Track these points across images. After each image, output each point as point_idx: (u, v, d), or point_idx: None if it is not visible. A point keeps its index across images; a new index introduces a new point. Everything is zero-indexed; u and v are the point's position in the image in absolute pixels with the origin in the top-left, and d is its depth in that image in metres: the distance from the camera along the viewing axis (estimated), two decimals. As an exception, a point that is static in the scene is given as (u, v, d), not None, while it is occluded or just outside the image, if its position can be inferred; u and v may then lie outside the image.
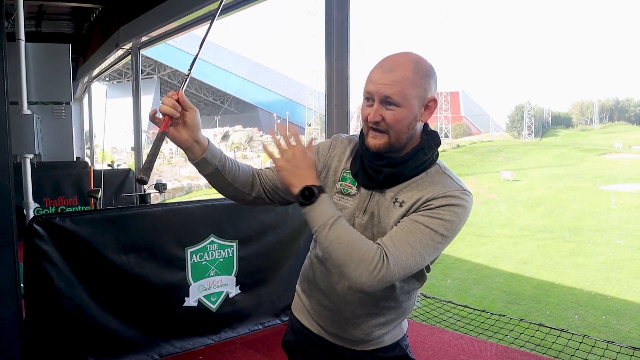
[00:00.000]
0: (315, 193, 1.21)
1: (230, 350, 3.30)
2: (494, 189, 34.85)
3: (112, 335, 2.98)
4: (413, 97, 1.23)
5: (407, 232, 1.21)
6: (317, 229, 1.20)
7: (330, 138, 1.47)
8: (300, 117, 56.30)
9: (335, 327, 1.41)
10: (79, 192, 6.77)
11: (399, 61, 1.24)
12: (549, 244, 20.99)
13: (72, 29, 10.02)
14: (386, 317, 1.39)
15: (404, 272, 1.20)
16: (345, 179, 1.37)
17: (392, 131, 1.25)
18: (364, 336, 1.40)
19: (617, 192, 31.82)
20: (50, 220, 2.73)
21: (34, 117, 3.15)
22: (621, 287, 15.49)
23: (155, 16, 5.98)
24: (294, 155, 1.25)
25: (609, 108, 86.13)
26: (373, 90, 1.24)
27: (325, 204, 1.21)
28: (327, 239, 1.19)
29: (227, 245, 3.43)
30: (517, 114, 71.21)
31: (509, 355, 3.23)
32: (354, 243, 1.18)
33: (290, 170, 1.24)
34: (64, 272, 2.78)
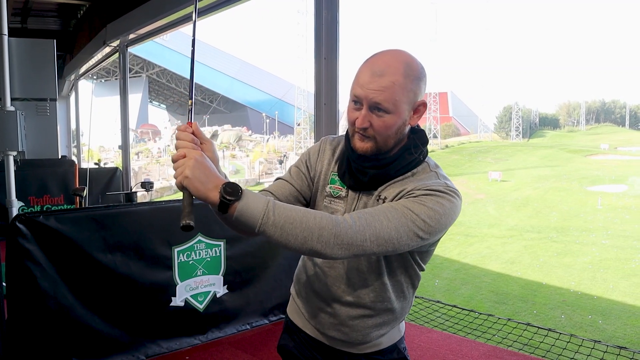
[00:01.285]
0: (238, 187, 1.07)
1: (218, 351, 3.26)
2: (482, 189, 35.06)
3: (98, 335, 2.93)
4: (403, 102, 1.19)
5: (385, 209, 1.15)
6: (261, 221, 1.06)
7: (319, 141, 1.43)
8: (289, 116, 56.25)
9: (332, 329, 1.38)
10: (65, 190, 6.69)
11: (389, 63, 1.18)
12: (537, 244, 21.15)
13: (58, 25, 9.89)
14: (382, 318, 1.36)
15: (377, 241, 1.11)
16: (334, 182, 1.34)
17: (379, 137, 1.21)
18: (361, 338, 1.37)
19: (603, 192, 32.16)
20: (34, 219, 2.69)
21: (18, 113, 3.09)
22: (607, 286, 15.64)
23: (143, 13, 5.92)
24: (194, 159, 1.08)
25: (596, 110, 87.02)
26: (362, 95, 1.19)
27: (253, 194, 1.09)
28: (276, 226, 1.06)
29: (215, 244, 3.40)
30: (505, 115, 71.66)
31: (497, 355, 3.24)
32: (305, 216, 1.08)
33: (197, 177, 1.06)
34: (48, 271, 2.73)
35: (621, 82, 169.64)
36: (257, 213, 1.06)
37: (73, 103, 10.74)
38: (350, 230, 1.09)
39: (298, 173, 1.39)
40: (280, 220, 1.07)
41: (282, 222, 1.07)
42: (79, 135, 10.83)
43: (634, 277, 16.37)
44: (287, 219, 1.07)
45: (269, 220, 1.06)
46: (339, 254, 1.10)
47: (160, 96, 67.59)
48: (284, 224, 1.07)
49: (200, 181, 1.06)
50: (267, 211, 1.07)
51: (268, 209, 1.07)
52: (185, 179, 1.06)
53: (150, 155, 48.79)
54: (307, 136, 47.63)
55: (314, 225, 1.08)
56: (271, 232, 1.07)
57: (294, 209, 1.10)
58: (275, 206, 1.08)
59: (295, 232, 1.07)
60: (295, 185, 1.38)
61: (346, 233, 1.09)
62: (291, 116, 54.45)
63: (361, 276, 1.32)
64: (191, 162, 1.07)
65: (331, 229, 1.08)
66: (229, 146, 50.36)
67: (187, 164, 1.07)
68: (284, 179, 1.40)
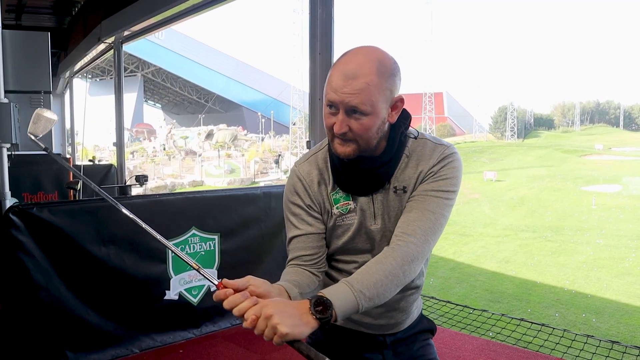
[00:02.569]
0: (323, 299, 1.05)
1: (212, 344, 3.26)
2: (477, 189, 35.12)
3: (91, 328, 2.94)
4: (380, 102, 1.17)
5: (423, 203, 1.23)
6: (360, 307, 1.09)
7: (293, 176, 1.38)
8: (284, 116, 56.21)
9: (380, 318, 1.39)
10: (59, 187, 6.68)
11: (361, 63, 1.15)
12: (531, 244, 21.19)
13: (53, 22, 9.85)
14: (418, 293, 1.43)
15: (434, 235, 1.22)
16: (338, 200, 1.31)
17: (361, 139, 1.20)
18: (405, 317, 1.41)
19: (597, 192, 32.27)
20: (27, 211, 2.68)
21: (12, 105, 3.09)
22: (601, 285, 15.69)
23: (138, 10, 5.91)
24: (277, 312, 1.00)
25: (590, 110, 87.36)
26: (337, 99, 1.16)
27: (332, 291, 1.08)
28: (372, 300, 1.11)
29: (209, 238, 3.40)
30: (500, 115, 71.86)
31: (490, 348, 3.25)
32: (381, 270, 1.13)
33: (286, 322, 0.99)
34: (41, 263, 2.73)
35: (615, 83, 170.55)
36: (353, 304, 1.09)
37: (67, 101, 10.71)
38: (417, 247, 1.18)
39: (308, 218, 1.34)
40: (371, 292, 1.11)
41: (374, 292, 1.11)
42: (73, 133, 10.80)
43: (628, 276, 16.43)
44: (376, 285, 1.12)
45: (365, 301, 1.10)
46: (419, 269, 1.21)
47: (155, 95, 67.39)
48: (377, 293, 1.12)
49: (296, 325, 1.00)
50: (357, 295, 1.09)
51: (356, 292, 1.09)
52: (286, 335, 0.99)
53: (146, 154, 48.66)
54: (302, 136, 47.61)
55: (397, 271, 1.15)
56: (371, 305, 1.12)
57: (368, 271, 1.14)
58: (357, 284, 1.10)
59: (389, 288, 1.14)
60: (314, 231, 1.33)
61: (415, 252, 1.18)
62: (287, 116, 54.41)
63: None
64: (275, 319, 0.99)
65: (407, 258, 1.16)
66: (225, 145, 50.27)
67: (273, 323, 0.99)
68: (302, 234, 1.34)
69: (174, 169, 41.78)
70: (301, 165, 1.37)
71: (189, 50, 55.82)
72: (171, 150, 48.97)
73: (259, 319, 1.00)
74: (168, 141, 52.28)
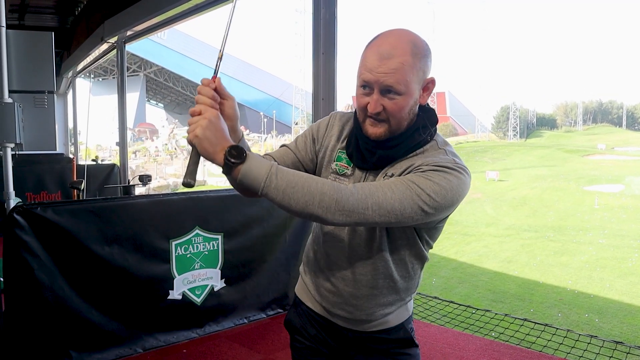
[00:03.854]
0: (243, 150, 1.09)
1: (215, 344, 3.26)
2: (480, 188, 35.09)
3: (95, 328, 2.93)
4: (414, 82, 1.19)
5: (390, 182, 1.16)
6: (264, 184, 1.08)
7: (328, 115, 1.42)
8: (287, 115, 56.26)
9: (337, 308, 1.38)
10: (63, 186, 6.70)
11: (396, 44, 1.17)
12: (534, 243, 21.19)
13: (56, 22, 9.87)
14: (387, 298, 1.36)
15: (379, 211, 1.12)
16: (341, 159, 1.34)
17: (393, 119, 1.21)
18: (366, 317, 1.37)
19: (600, 192, 32.22)
20: (31, 210, 2.68)
21: (15, 105, 3.09)
22: (603, 285, 15.68)
23: (141, 10, 5.92)
24: (211, 122, 1.09)
25: (593, 110, 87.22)
26: (372, 79, 1.17)
27: (257, 157, 1.12)
28: (278, 189, 1.08)
29: (213, 238, 3.40)
30: (502, 115, 71.81)
31: (494, 349, 3.24)
32: (307, 181, 1.10)
33: (208, 138, 1.08)
34: (46, 263, 2.73)
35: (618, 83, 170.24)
36: (260, 176, 1.08)
37: (70, 101, 10.72)
38: (352, 198, 1.10)
39: (303, 144, 1.39)
40: (282, 184, 1.08)
41: (284, 185, 1.08)
42: (76, 133, 10.81)
43: (631, 276, 16.41)
44: (290, 183, 1.09)
45: (271, 184, 1.08)
46: (339, 219, 1.11)
47: (157, 95, 67.47)
48: (286, 188, 1.08)
49: (209, 142, 1.08)
50: (270, 174, 1.08)
51: (271, 173, 1.09)
52: (195, 137, 1.08)
53: (148, 154, 48.70)
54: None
55: (315, 190, 1.09)
56: (273, 195, 1.09)
57: (297, 174, 1.11)
58: (279, 170, 1.10)
59: (297, 196, 1.08)
60: (298, 155, 1.38)
61: (347, 200, 1.10)
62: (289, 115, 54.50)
63: (362, 252, 1.32)
64: (204, 122, 1.08)
65: (332, 195, 1.09)
66: (227, 145, 50.15)
67: (200, 123, 1.08)
68: (288, 147, 1.40)
69: (176, 168, 41.80)
70: (338, 113, 1.42)
71: (191, 50, 55.87)
72: (173, 150, 49.01)
73: (200, 114, 1.10)
74: (170, 141, 52.33)
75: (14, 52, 3.41)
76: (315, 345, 1.46)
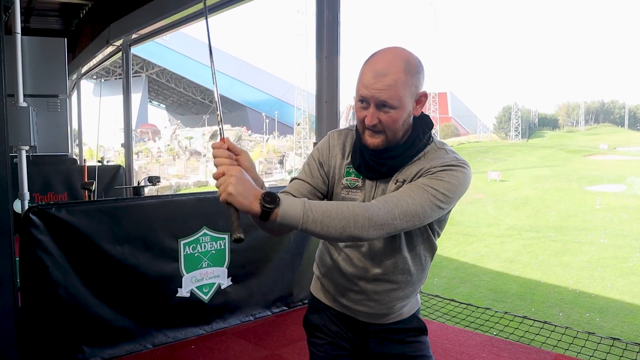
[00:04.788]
0: (275, 195, 1.17)
1: (222, 340, 3.36)
2: (481, 189, 35.14)
3: (106, 324, 3.03)
4: (406, 97, 1.30)
5: (408, 190, 1.29)
6: (302, 221, 1.18)
7: (326, 137, 1.52)
8: (289, 116, 56.31)
9: (359, 304, 1.49)
10: (69, 188, 6.79)
11: (390, 62, 1.28)
12: (535, 243, 21.24)
13: (60, 25, 9.98)
14: (404, 291, 1.48)
15: (405, 218, 1.25)
16: (350, 174, 1.44)
17: (389, 131, 1.32)
18: (386, 310, 1.48)
19: (601, 192, 32.25)
20: (46, 211, 2.78)
21: (30, 109, 3.19)
22: (605, 285, 15.74)
23: (146, 13, 6.01)
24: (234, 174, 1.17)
25: (595, 110, 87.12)
26: (368, 95, 1.28)
27: (287, 198, 1.20)
28: (316, 222, 1.19)
29: (219, 237, 3.50)
30: (504, 115, 71.74)
31: (493, 345, 3.33)
32: (339, 208, 1.21)
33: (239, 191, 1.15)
34: (59, 261, 2.83)
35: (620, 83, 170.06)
36: (297, 214, 1.18)
37: (75, 102, 10.82)
38: (380, 212, 1.22)
39: (313, 171, 1.48)
40: (318, 216, 1.19)
41: (320, 217, 1.19)
42: (81, 134, 10.92)
43: (632, 276, 16.47)
44: (324, 213, 1.20)
45: (308, 219, 1.18)
46: (374, 235, 1.23)
47: (159, 96, 67.61)
48: (323, 219, 1.19)
49: (242, 196, 1.15)
50: (305, 210, 1.18)
51: (306, 208, 1.19)
52: (229, 195, 1.15)
53: (150, 154, 48.85)
54: (306, 136, 47.72)
55: (348, 214, 1.20)
56: (312, 228, 1.19)
57: (327, 203, 1.23)
58: (311, 204, 1.20)
59: (334, 223, 1.19)
60: (312, 183, 1.47)
61: (377, 215, 1.22)
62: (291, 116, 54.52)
63: (383, 253, 1.42)
64: (232, 179, 1.16)
65: (364, 214, 1.21)
66: (229, 146, 50.28)
67: (229, 181, 1.15)
68: (300, 179, 1.48)
69: (178, 169, 41.95)
70: (335, 132, 1.51)
71: (193, 51, 55.94)
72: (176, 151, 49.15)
73: (225, 174, 1.17)
74: (172, 141, 52.47)
75: (28, 58, 3.52)
76: (336, 340, 1.56)
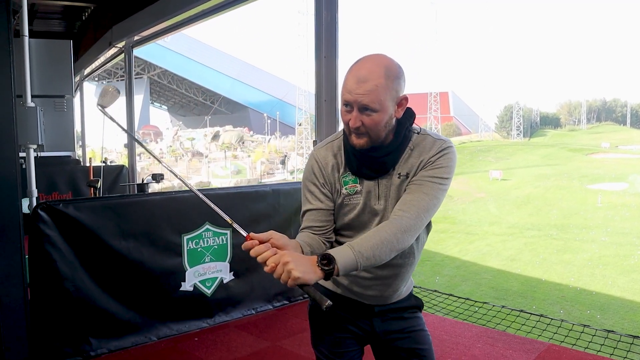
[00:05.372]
0: (327, 255, 1.28)
1: (225, 333, 3.45)
2: (483, 188, 35.22)
3: (112, 317, 3.13)
4: (387, 100, 1.39)
5: (420, 186, 1.44)
6: (359, 264, 1.31)
7: (310, 158, 1.60)
8: (290, 117, 56.41)
9: (369, 289, 1.59)
10: (73, 187, 6.90)
11: (371, 69, 1.38)
12: (537, 242, 21.30)
13: (63, 27, 10.09)
14: (408, 272, 1.61)
15: (427, 214, 1.42)
16: (347, 182, 1.52)
17: (372, 132, 1.42)
18: (392, 292, 1.60)
19: (603, 190, 32.28)
20: (54, 207, 2.88)
21: (37, 109, 3.30)
22: (606, 282, 15.80)
23: (149, 15, 6.11)
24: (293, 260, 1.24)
25: (597, 108, 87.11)
26: (351, 99, 1.39)
27: (337, 250, 1.31)
28: (369, 259, 1.32)
29: (222, 232, 3.59)
30: (506, 114, 71.84)
31: (489, 335, 3.42)
32: (380, 236, 1.35)
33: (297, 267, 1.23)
34: (67, 256, 2.93)
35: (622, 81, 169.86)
36: (352, 261, 1.31)
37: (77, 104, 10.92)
38: (410, 220, 1.39)
39: (318, 195, 1.55)
40: (369, 253, 1.33)
41: (370, 253, 1.33)
42: (83, 135, 11.02)
43: (633, 273, 16.52)
44: (372, 248, 1.34)
45: (362, 260, 1.32)
46: (412, 240, 1.41)
47: (161, 97, 67.81)
48: (373, 253, 1.33)
49: (304, 272, 1.23)
50: (357, 255, 1.31)
51: (356, 252, 1.32)
52: (297, 280, 1.23)
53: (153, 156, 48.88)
54: (308, 136, 47.79)
55: (389, 237, 1.36)
56: (367, 264, 1.33)
57: (367, 237, 1.36)
58: (358, 246, 1.33)
59: (382, 251, 1.35)
60: (324, 207, 1.55)
61: (408, 224, 1.38)
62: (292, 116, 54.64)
63: None
64: (290, 265, 1.23)
65: (400, 228, 1.37)
66: (231, 147, 50.56)
67: (287, 268, 1.23)
68: (312, 209, 1.55)
69: (180, 170, 42.07)
70: (319, 150, 1.59)
71: (195, 53, 56.12)
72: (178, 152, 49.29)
73: (278, 265, 1.24)
74: (175, 143, 52.63)
75: (35, 59, 3.62)
76: (343, 324, 1.65)
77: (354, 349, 1.66)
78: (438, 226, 24.39)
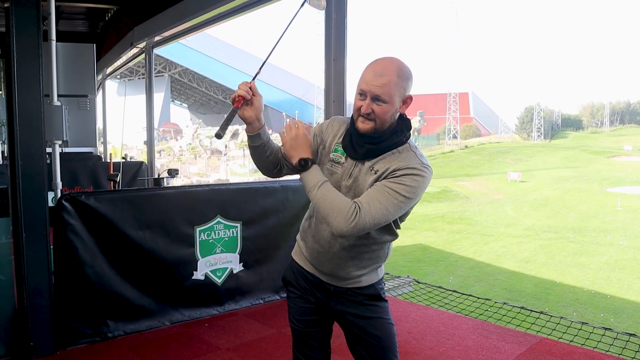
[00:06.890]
0: (308, 163, 1.65)
1: (234, 320, 3.67)
2: (501, 189, 35.04)
3: (128, 302, 3.37)
4: (396, 95, 1.63)
5: (378, 193, 1.60)
6: (309, 189, 1.63)
7: (329, 120, 1.88)
8: (309, 115, 56.66)
9: (323, 266, 1.81)
10: (95, 182, 7.18)
11: (387, 66, 1.63)
12: (553, 244, 21.19)
13: (87, 28, 10.41)
14: (362, 262, 1.79)
15: (374, 223, 1.58)
16: (337, 151, 1.76)
17: (378, 120, 1.64)
18: (344, 275, 1.80)
19: (623, 194, 31.88)
20: (77, 198, 3.12)
21: (62, 107, 3.55)
22: (621, 286, 15.70)
23: (169, 16, 6.32)
24: (297, 135, 1.68)
25: (620, 111, 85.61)
26: (366, 89, 1.62)
27: (316, 172, 1.65)
28: (315, 197, 1.62)
29: (232, 225, 3.80)
30: (526, 116, 71.05)
31: (484, 328, 3.58)
32: (334, 199, 1.59)
33: (292, 146, 1.68)
34: (88, 243, 3.17)
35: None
36: (310, 184, 1.64)
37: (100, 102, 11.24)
38: (357, 219, 1.56)
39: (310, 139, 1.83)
40: (319, 194, 1.62)
41: (319, 195, 1.62)
42: (105, 133, 11.34)
43: (650, 278, 16.37)
44: (323, 196, 1.61)
45: (313, 191, 1.63)
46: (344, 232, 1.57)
47: (182, 95, 68.57)
48: (320, 197, 1.62)
49: (294, 148, 1.68)
50: (315, 186, 1.63)
51: (316, 185, 1.63)
52: (286, 142, 1.69)
53: (172, 153, 49.69)
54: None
55: (336, 207, 1.58)
56: (311, 198, 1.64)
57: (333, 191, 1.62)
58: (322, 185, 1.63)
59: (324, 205, 1.60)
60: None
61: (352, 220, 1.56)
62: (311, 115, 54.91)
63: None
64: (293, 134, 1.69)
65: (345, 215, 1.57)
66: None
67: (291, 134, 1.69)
68: None
69: (199, 167, 42.61)
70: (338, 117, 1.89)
71: (215, 51, 56.60)
72: (197, 150, 49.87)
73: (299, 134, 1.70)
74: (194, 140, 53.24)
75: (61, 61, 3.87)
76: (304, 295, 1.89)
77: (315, 317, 1.87)
78: (453, 227, 24.41)
